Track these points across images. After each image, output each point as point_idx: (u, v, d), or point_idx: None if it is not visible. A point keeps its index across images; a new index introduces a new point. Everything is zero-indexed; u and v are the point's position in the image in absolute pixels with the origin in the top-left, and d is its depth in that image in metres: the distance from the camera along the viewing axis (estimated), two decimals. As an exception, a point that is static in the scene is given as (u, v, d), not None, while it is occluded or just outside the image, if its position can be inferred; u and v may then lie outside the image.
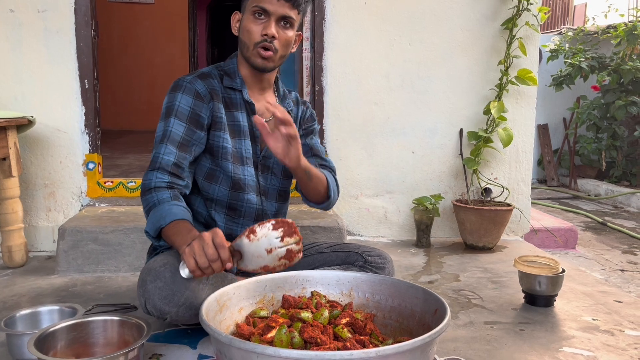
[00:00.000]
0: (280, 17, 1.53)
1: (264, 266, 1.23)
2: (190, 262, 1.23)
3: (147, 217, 1.45)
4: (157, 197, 1.45)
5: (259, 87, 1.68)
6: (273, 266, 1.23)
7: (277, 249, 1.22)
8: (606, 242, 3.68)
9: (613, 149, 5.64)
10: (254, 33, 1.54)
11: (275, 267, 1.24)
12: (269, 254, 1.22)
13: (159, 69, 6.34)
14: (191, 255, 1.23)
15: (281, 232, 1.23)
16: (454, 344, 1.59)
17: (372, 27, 2.76)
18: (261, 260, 1.22)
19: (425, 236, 2.74)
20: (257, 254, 1.22)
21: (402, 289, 1.37)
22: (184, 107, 1.55)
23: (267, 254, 1.22)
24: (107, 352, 1.36)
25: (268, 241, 1.22)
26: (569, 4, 9.53)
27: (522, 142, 2.92)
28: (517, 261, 1.95)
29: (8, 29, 2.47)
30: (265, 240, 1.22)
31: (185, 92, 1.56)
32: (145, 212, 1.47)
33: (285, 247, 1.22)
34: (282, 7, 1.52)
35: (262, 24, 1.53)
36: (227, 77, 1.64)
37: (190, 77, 1.59)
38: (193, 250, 1.23)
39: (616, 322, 1.78)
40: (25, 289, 2.05)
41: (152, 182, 1.48)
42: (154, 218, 1.42)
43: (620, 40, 5.42)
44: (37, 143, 2.54)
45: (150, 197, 1.46)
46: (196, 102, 1.56)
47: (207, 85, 1.59)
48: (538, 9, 2.77)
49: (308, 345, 1.15)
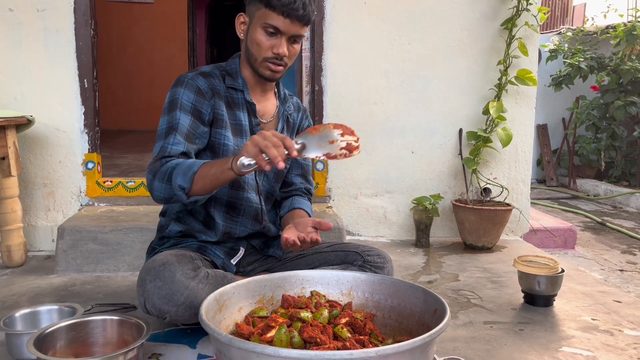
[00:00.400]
0: (291, 36, 1.53)
1: (327, 153, 1.29)
2: (252, 149, 1.23)
3: (171, 181, 1.39)
4: (172, 164, 1.41)
5: (260, 90, 1.68)
6: (335, 154, 1.29)
7: (339, 141, 1.30)
8: (605, 242, 3.69)
9: (612, 149, 5.64)
10: (264, 48, 1.53)
11: (336, 155, 1.29)
12: (331, 144, 1.29)
13: (158, 68, 6.34)
14: (253, 144, 1.23)
15: (341, 130, 1.31)
16: (453, 344, 1.59)
17: (371, 27, 2.76)
18: (324, 148, 1.29)
19: (424, 236, 2.74)
20: (320, 143, 1.29)
21: (401, 289, 1.37)
22: (186, 102, 1.55)
23: (329, 144, 1.29)
24: (107, 351, 1.36)
25: (330, 134, 1.30)
26: (568, 4, 9.54)
27: (522, 142, 2.92)
28: (517, 261, 1.95)
29: (7, 28, 2.47)
30: (328, 133, 1.30)
31: (187, 88, 1.56)
32: (167, 179, 1.39)
33: (345, 141, 1.30)
34: (295, 27, 1.50)
35: (273, 41, 1.51)
36: (229, 77, 1.64)
37: (192, 74, 1.59)
38: (255, 140, 1.23)
39: (615, 322, 1.78)
40: (25, 288, 2.05)
41: (161, 162, 1.43)
42: (181, 172, 1.37)
43: (619, 40, 5.42)
44: (37, 142, 2.54)
45: (164, 168, 1.41)
46: (198, 97, 1.56)
47: (208, 82, 1.59)
48: (537, 9, 2.77)
49: (307, 345, 1.15)
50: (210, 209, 1.65)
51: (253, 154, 1.22)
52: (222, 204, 1.65)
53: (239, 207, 1.66)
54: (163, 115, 1.55)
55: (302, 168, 1.83)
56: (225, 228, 1.65)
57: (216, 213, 1.64)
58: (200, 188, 1.38)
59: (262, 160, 1.21)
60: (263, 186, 1.72)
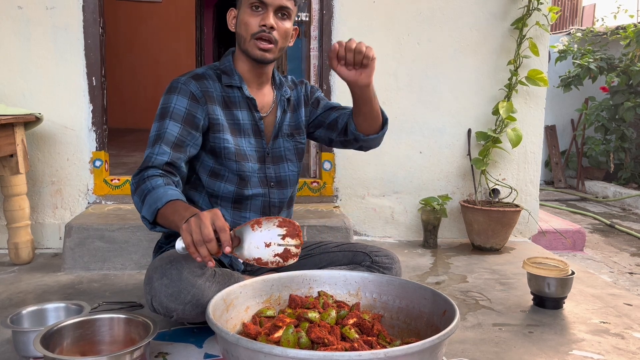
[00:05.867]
0: (277, 8, 1.54)
1: (258, 258, 1.21)
2: (186, 237, 1.18)
3: (141, 206, 1.39)
4: (151, 184, 1.40)
5: (257, 82, 1.68)
6: (266, 261, 1.21)
7: (276, 245, 1.21)
8: (614, 245, 3.65)
9: (621, 150, 5.60)
10: (251, 24, 1.54)
11: (268, 262, 1.21)
12: (267, 248, 1.21)
13: (166, 67, 6.35)
14: (188, 232, 1.18)
15: (284, 231, 1.22)
16: (462, 346, 1.57)
17: (380, 26, 2.75)
18: (257, 252, 1.21)
19: (432, 237, 2.72)
20: (255, 244, 1.21)
21: (410, 290, 1.36)
22: (179, 108, 1.55)
23: (264, 246, 1.21)
24: (113, 350, 1.36)
25: (269, 235, 1.22)
26: (577, 4, 9.48)
27: (531, 142, 2.90)
28: (526, 263, 1.93)
29: (16, 26, 2.47)
30: (267, 233, 1.22)
31: (181, 94, 1.56)
32: (140, 201, 1.40)
33: (283, 246, 1.21)
34: None
35: (259, 16, 1.54)
36: (224, 76, 1.64)
37: (185, 78, 1.59)
38: (190, 227, 1.18)
39: (626, 325, 1.76)
40: (32, 286, 2.05)
41: (144, 175, 1.43)
42: (150, 201, 1.36)
43: (629, 41, 5.37)
44: (45, 140, 2.54)
45: (144, 186, 1.40)
46: (191, 103, 1.56)
47: (200, 87, 1.59)
48: (548, 8, 2.75)
49: (315, 346, 1.14)
50: (216, 205, 1.66)
51: (187, 242, 1.19)
52: (228, 200, 1.66)
53: (245, 202, 1.67)
54: (154, 122, 1.56)
55: (332, 108, 1.79)
56: (233, 224, 1.65)
57: (223, 210, 1.65)
58: (162, 224, 1.37)
59: (194, 253, 1.18)
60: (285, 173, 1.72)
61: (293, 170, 1.76)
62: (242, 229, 1.23)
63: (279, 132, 1.72)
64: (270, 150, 1.70)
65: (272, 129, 1.71)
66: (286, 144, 1.73)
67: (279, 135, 1.72)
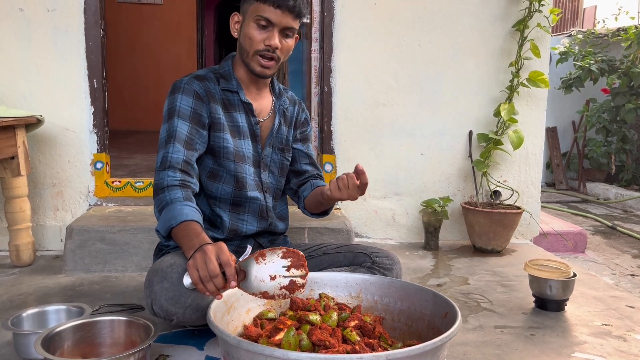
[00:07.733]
0: (283, 28, 1.55)
1: (264, 292, 1.20)
2: (193, 274, 1.22)
3: (159, 216, 1.44)
4: (170, 197, 1.44)
5: (255, 88, 1.70)
6: (272, 294, 1.20)
7: (281, 277, 1.19)
8: (616, 247, 3.64)
9: (622, 152, 5.59)
10: (256, 41, 1.55)
11: (274, 295, 1.20)
12: (272, 281, 1.19)
13: (167, 69, 6.36)
14: (194, 268, 1.21)
15: (289, 262, 1.21)
16: (463, 348, 1.57)
17: (381, 28, 2.75)
18: (263, 285, 1.19)
19: (433, 239, 2.72)
20: (260, 277, 1.20)
21: (411, 292, 1.36)
22: (185, 107, 1.57)
23: (270, 279, 1.19)
24: (114, 352, 1.36)
25: (274, 267, 1.20)
26: (578, 6, 9.48)
27: (532, 144, 2.90)
28: (528, 265, 1.93)
29: (17, 28, 2.48)
30: (271, 265, 1.20)
31: (185, 93, 1.58)
32: (158, 210, 1.45)
33: (289, 278, 1.20)
34: (286, 18, 1.53)
35: (265, 34, 1.54)
36: (223, 80, 1.66)
37: (187, 79, 1.61)
38: (196, 263, 1.21)
39: (628, 328, 1.76)
40: (33, 288, 2.05)
41: (164, 181, 1.47)
42: (166, 217, 1.41)
43: (630, 43, 5.37)
44: (46, 142, 2.54)
45: (163, 196, 1.45)
46: (196, 102, 1.58)
47: (203, 86, 1.61)
48: (549, 10, 2.75)
49: (316, 348, 1.14)
50: (215, 207, 1.68)
51: (195, 279, 1.22)
52: (226, 202, 1.68)
53: (243, 205, 1.69)
54: (163, 124, 1.59)
55: (309, 157, 1.85)
56: (232, 225, 1.67)
57: (222, 211, 1.67)
58: (175, 240, 1.40)
59: (202, 289, 1.22)
60: (270, 183, 1.76)
61: (273, 182, 1.77)
62: (247, 262, 1.22)
63: (272, 141, 1.73)
64: (263, 156, 1.72)
65: (267, 135, 1.73)
66: (274, 156, 1.75)
67: (271, 145, 1.74)
